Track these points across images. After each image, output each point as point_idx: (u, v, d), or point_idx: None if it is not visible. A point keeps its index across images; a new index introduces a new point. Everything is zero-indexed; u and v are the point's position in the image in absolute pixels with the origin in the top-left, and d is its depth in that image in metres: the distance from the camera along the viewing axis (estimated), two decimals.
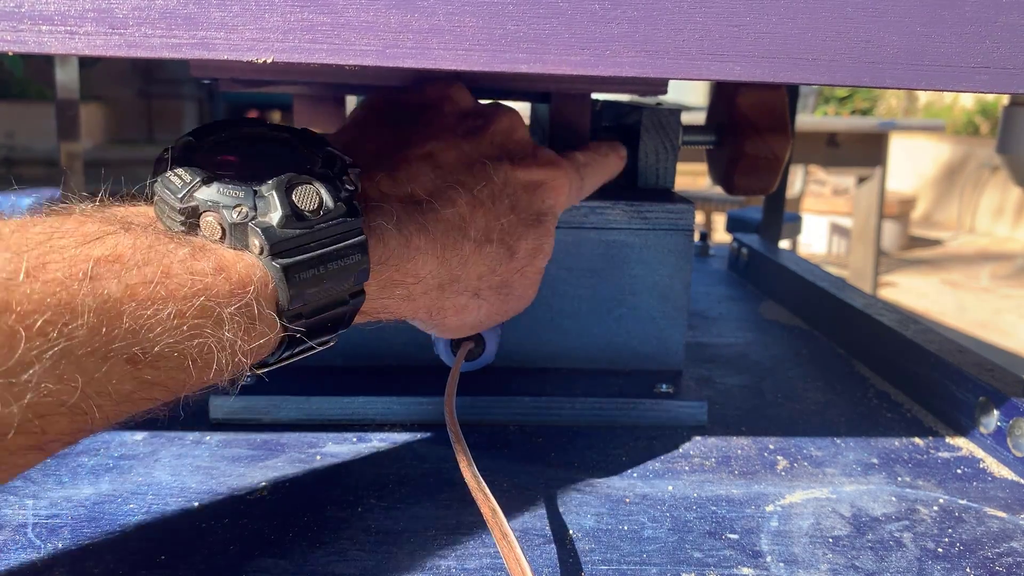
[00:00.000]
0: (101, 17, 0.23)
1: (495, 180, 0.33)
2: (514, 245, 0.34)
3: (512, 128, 0.36)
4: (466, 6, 0.24)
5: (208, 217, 0.25)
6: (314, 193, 0.26)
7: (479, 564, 0.28)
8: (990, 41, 0.27)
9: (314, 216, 0.26)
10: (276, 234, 0.25)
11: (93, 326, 0.20)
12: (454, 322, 0.34)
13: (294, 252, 0.25)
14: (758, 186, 0.49)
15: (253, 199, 0.25)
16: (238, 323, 0.24)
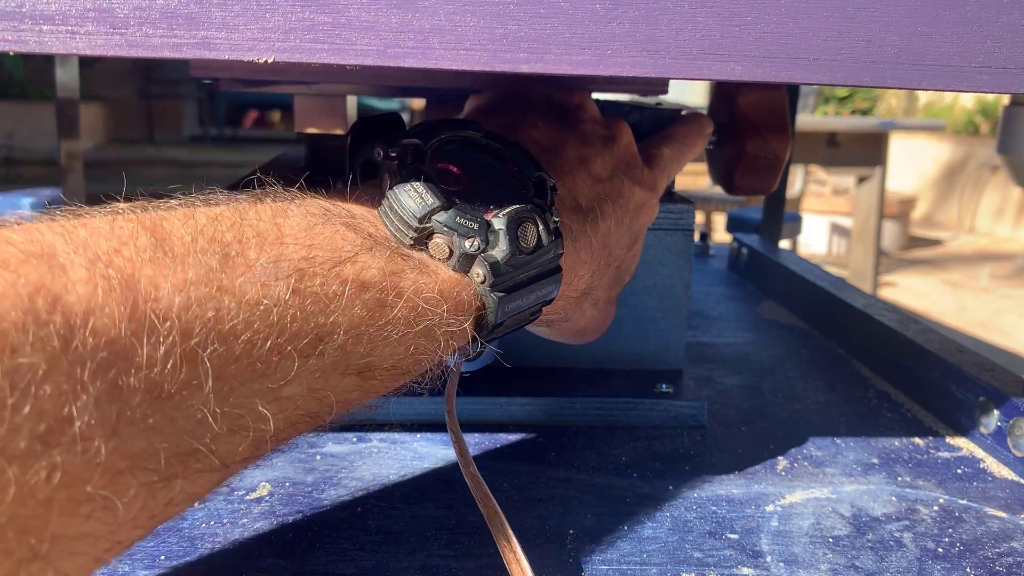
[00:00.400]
0: (102, 17, 0.23)
1: (626, 195, 0.34)
2: (622, 261, 0.35)
3: (631, 143, 0.36)
4: (467, 6, 0.24)
5: (439, 239, 0.26)
6: (535, 230, 0.28)
7: (479, 564, 0.28)
8: (991, 41, 0.27)
9: (531, 254, 0.27)
10: (500, 268, 0.26)
11: (341, 345, 0.22)
12: (567, 327, 0.35)
13: (510, 285, 0.27)
14: (758, 186, 0.49)
15: (486, 232, 0.26)
16: (448, 341, 0.26)
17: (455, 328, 0.25)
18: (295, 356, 0.21)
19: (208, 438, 0.19)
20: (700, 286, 0.69)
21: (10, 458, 0.14)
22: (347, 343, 0.22)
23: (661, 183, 0.37)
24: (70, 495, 0.16)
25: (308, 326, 0.21)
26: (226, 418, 0.19)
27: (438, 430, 0.39)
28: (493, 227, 0.26)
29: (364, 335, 0.23)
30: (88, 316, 0.16)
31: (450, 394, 0.34)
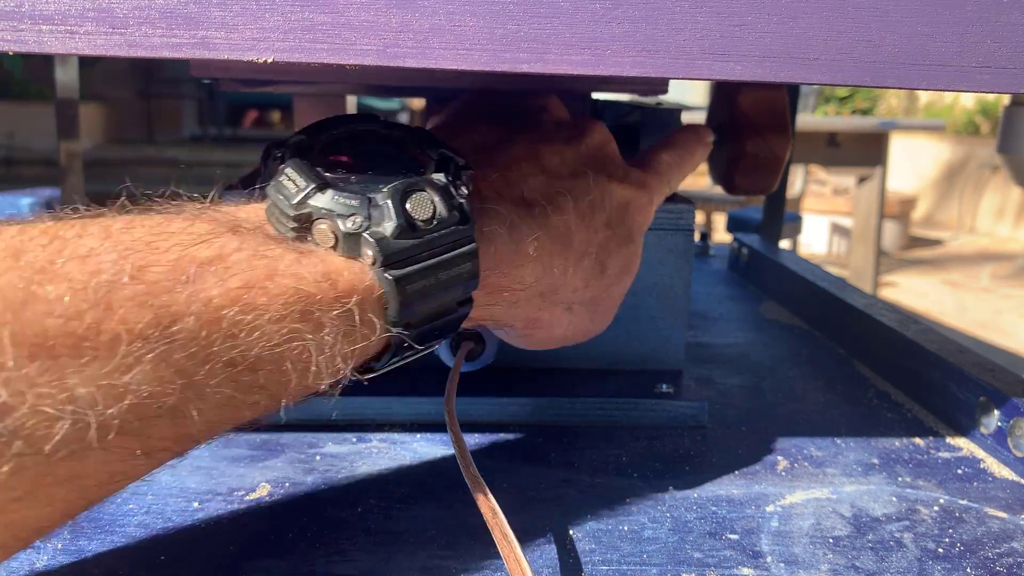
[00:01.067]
0: (101, 17, 0.23)
1: (594, 192, 0.33)
2: (606, 262, 0.34)
3: (605, 142, 0.35)
4: (467, 6, 0.24)
5: (321, 224, 0.24)
6: (428, 201, 0.25)
7: (479, 564, 0.28)
8: (991, 41, 0.27)
9: (427, 225, 0.25)
10: (390, 245, 0.24)
11: (193, 330, 0.20)
12: (542, 335, 0.34)
13: (406, 263, 0.25)
14: (758, 186, 0.49)
15: (368, 208, 0.24)
16: (340, 329, 0.23)
17: (344, 312, 0.23)
18: (125, 338, 0.19)
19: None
20: (700, 286, 0.69)
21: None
22: (201, 328, 0.20)
23: (655, 184, 0.37)
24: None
25: (146, 306, 0.20)
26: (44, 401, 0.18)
27: (438, 430, 0.39)
28: (376, 202, 0.25)
29: (224, 317, 0.21)
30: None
31: (450, 394, 0.34)
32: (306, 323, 0.23)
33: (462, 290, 0.27)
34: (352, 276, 0.24)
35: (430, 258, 0.25)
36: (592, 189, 0.33)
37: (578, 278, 0.33)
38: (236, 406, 0.22)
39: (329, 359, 0.23)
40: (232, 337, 0.21)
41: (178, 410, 0.21)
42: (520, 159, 0.31)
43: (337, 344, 0.23)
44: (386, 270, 0.24)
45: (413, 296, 0.25)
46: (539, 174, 0.31)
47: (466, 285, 0.27)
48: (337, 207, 0.24)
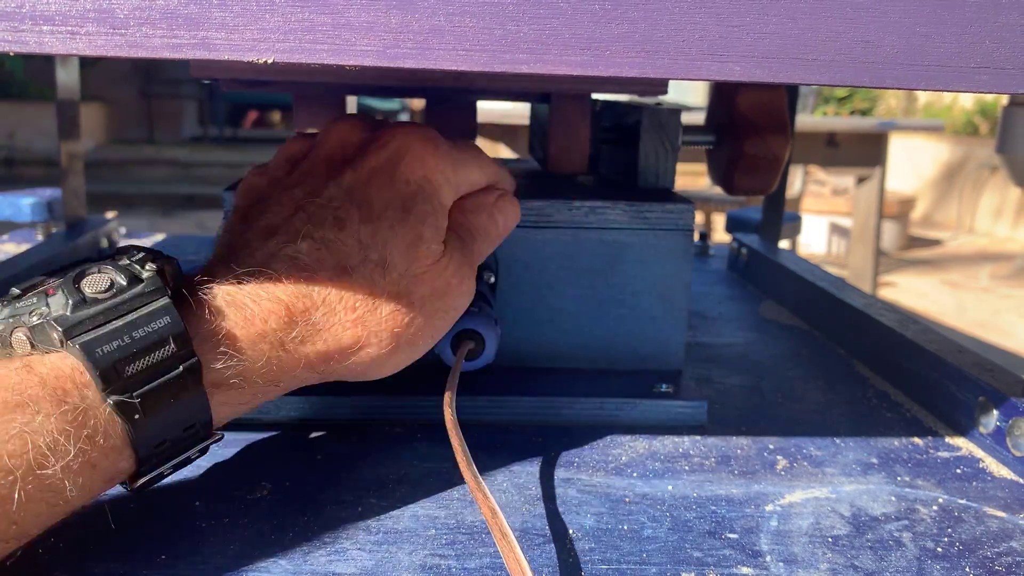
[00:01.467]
0: (102, 17, 0.23)
1: (335, 205, 0.32)
2: (381, 256, 0.31)
3: (342, 136, 0.34)
4: (466, 6, 0.24)
5: (17, 334, 0.26)
6: (105, 278, 0.27)
7: (479, 564, 0.28)
8: (990, 41, 0.27)
9: (105, 295, 0.27)
10: (68, 319, 0.26)
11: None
12: (363, 360, 0.32)
13: (92, 330, 0.26)
14: (758, 186, 0.49)
15: (45, 300, 0.26)
16: (56, 411, 0.24)
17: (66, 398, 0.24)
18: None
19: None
20: (700, 286, 0.70)
21: None
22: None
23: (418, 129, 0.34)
24: None
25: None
26: None
27: (438, 430, 0.39)
28: (53, 293, 0.26)
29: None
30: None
31: (450, 394, 0.35)
32: (18, 413, 0.24)
33: (172, 346, 0.27)
34: (49, 361, 0.25)
35: (117, 320, 0.26)
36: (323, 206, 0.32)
37: (350, 295, 0.31)
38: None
39: (51, 443, 0.24)
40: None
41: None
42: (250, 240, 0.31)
43: (57, 426, 0.24)
44: (72, 341, 0.25)
45: (108, 357, 0.26)
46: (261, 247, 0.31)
47: (175, 340, 0.27)
48: (18, 311, 0.26)
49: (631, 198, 0.43)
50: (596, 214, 0.42)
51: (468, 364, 0.40)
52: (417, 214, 0.32)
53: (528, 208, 0.42)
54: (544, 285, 0.43)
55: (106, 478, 0.26)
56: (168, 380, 0.27)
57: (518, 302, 0.43)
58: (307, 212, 0.31)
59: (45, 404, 0.24)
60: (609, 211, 0.42)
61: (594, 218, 0.42)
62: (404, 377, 0.41)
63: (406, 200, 0.32)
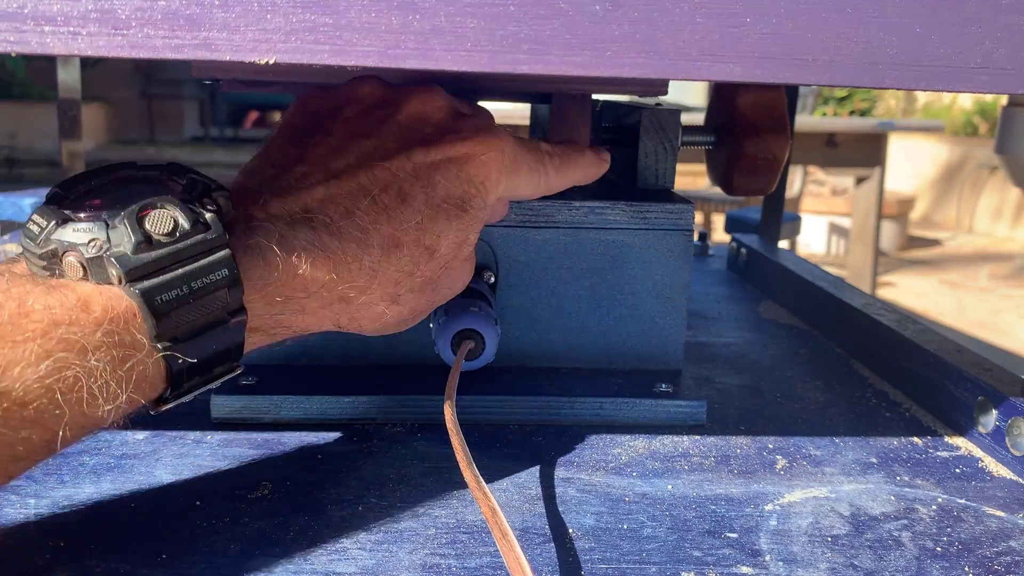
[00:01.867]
0: (104, 18, 0.23)
1: (400, 176, 0.31)
2: (433, 244, 0.32)
3: (424, 109, 0.34)
4: (467, 7, 0.24)
5: (69, 257, 0.25)
6: (168, 216, 0.26)
7: (479, 563, 0.28)
8: (989, 42, 0.27)
9: (169, 238, 0.26)
10: (130, 260, 0.25)
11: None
12: (372, 327, 0.33)
13: (153, 275, 0.25)
14: (757, 186, 0.49)
15: (106, 231, 0.25)
16: (108, 353, 0.24)
17: (107, 335, 0.24)
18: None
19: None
20: (699, 286, 0.70)
21: None
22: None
23: (506, 142, 0.34)
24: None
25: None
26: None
27: (438, 430, 0.39)
28: (114, 225, 0.26)
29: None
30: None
31: (450, 394, 0.35)
32: (68, 351, 0.23)
33: (225, 298, 0.27)
34: (104, 299, 0.25)
35: (178, 268, 0.26)
36: (395, 175, 0.31)
37: (395, 271, 0.31)
38: (8, 443, 0.23)
39: (102, 386, 0.24)
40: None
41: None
42: (305, 174, 0.31)
43: (107, 369, 0.24)
44: (132, 285, 0.25)
45: (166, 306, 0.25)
46: (322, 183, 0.30)
47: (228, 292, 0.27)
48: (77, 237, 0.25)
49: (631, 198, 0.43)
50: (596, 214, 0.42)
51: (468, 364, 0.40)
52: (471, 215, 0.33)
53: (528, 208, 0.42)
54: (544, 285, 0.43)
55: (136, 406, 0.26)
56: (216, 331, 0.27)
57: (518, 302, 0.43)
58: (373, 171, 0.31)
59: (99, 347, 0.24)
60: (609, 211, 0.42)
61: (594, 218, 0.42)
62: (404, 377, 0.41)
63: (465, 199, 0.33)
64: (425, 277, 0.33)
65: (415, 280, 0.32)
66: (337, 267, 0.30)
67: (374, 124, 0.33)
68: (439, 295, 0.35)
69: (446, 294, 0.36)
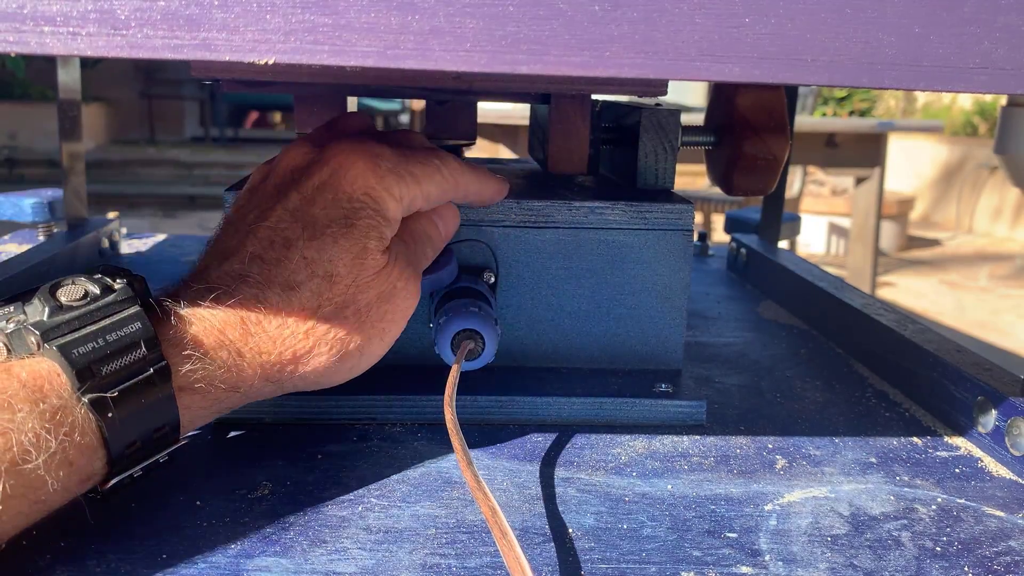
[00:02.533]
0: (103, 18, 0.23)
1: (282, 227, 0.33)
2: (329, 270, 0.33)
3: (292, 155, 0.35)
4: (467, 8, 0.24)
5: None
6: (80, 288, 0.29)
7: (479, 563, 0.29)
8: (989, 42, 0.27)
9: (80, 303, 0.28)
10: (45, 324, 0.27)
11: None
12: (310, 374, 0.33)
13: (68, 334, 0.27)
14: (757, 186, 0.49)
15: (22, 308, 0.28)
16: (34, 407, 0.25)
17: (44, 397, 0.26)
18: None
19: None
20: (699, 286, 0.70)
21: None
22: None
23: (358, 143, 0.34)
24: None
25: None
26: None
27: (438, 430, 0.39)
28: (29, 301, 0.28)
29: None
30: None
31: (450, 393, 0.35)
32: (0, 411, 0.25)
33: (143, 350, 0.28)
34: (26, 364, 0.27)
35: (92, 325, 0.28)
36: (277, 228, 0.33)
37: (298, 309, 0.32)
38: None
39: (32, 439, 0.25)
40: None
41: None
42: (207, 265, 0.33)
43: (36, 422, 0.25)
44: (50, 344, 0.27)
45: (84, 359, 0.27)
46: (215, 264, 0.33)
47: (145, 345, 0.28)
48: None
49: (631, 198, 0.43)
50: (596, 214, 0.42)
51: (468, 364, 0.40)
52: (361, 227, 0.33)
53: (528, 208, 0.42)
54: (544, 285, 0.43)
55: (82, 477, 0.27)
56: (140, 381, 0.28)
57: (518, 302, 0.43)
58: (257, 236, 0.33)
59: (25, 403, 0.25)
60: (609, 211, 0.42)
61: (594, 218, 0.42)
62: (404, 377, 0.41)
63: (349, 215, 0.33)
64: (335, 304, 0.33)
65: (324, 311, 0.33)
66: (242, 320, 0.31)
67: (257, 199, 0.35)
68: (373, 317, 0.34)
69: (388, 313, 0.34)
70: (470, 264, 0.42)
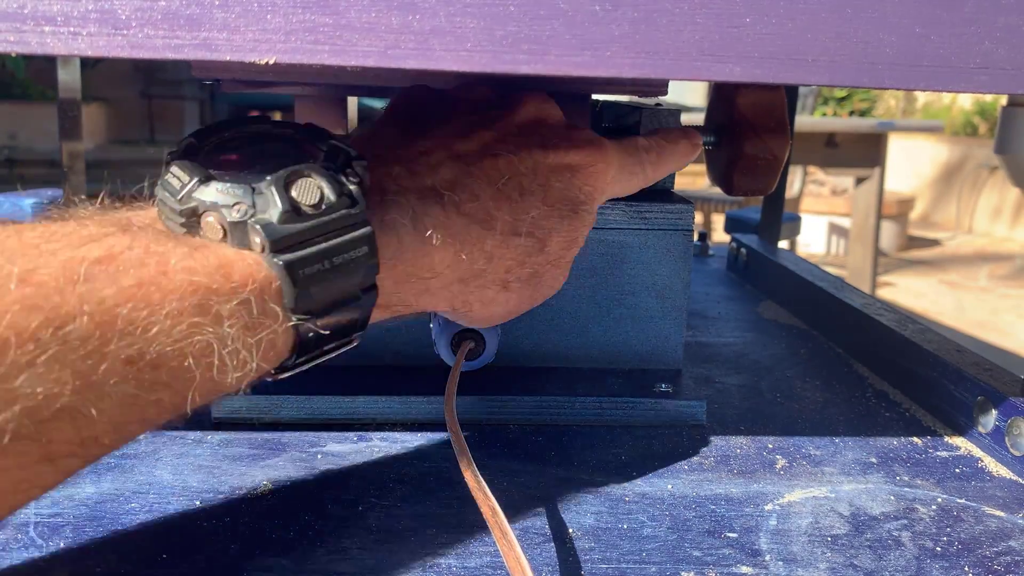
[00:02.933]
0: (104, 18, 0.23)
1: (521, 170, 0.32)
2: (545, 238, 0.33)
3: (540, 113, 0.35)
4: (467, 7, 0.24)
5: (209, 217, 0.24)
6: (315, 186, 0.25)
7: (479, 563, 0.29)
8: (989, 42, 0.27)
9: (315, 210, 0.25)
10: (276, 230, 0.24)
11: (87, 329, 0.20)
12: (481, 313, 0.34)
13: (296, 248, 0.24)
14: (757, 186, 0.49)
15: (252, 196, 0.24)
16: (241, 321, 0.23)
17: (243, 303, 0.23)
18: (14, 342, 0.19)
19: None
20: (699, 286, 0.70)
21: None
22: (95, 328, 0.20)
23: (613, 152, 0.35)
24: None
25: (36, 308, 0.20)
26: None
27: (438, 430, 0.39)
28: (260, 190, 0.25)
29: (119, 315, 0.21)
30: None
31: (450, 394, 0.35)
32: (204, 316, 0.22)
33: (362, 275, 0.26)
34: (244, 265, 0.24)
35: (322, 242, 0.25)
36: (517, 168, 0.32)
37: (510, 258, 0.32)
38: (139, 405, 0.22)
39: (233, 352, 0.23)
40: (129, 335, 0.21)
41: (77, 411, 0.20)
42: (430, 151, 0.31)
43: (240, 337, 0.23)
44: (276, 255, 0.24)
45: (307, 280, 0.25)
46: (450, 163, 0.31)
47: (366, 269, 0.26)
48: (221, 198, 0.24)
49: (631, 198, 0.43)
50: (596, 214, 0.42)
51: (468, 364, 0.40)
52: (581, 218, 0.34)
53: None
54: None
55: (258, 375, 0.25)
56: (349, 308, 0.26)
57: None
58: (497, 160, 0.32)
59: (234, 315, 0.23)
60: (609, 211, 0.42)
61: None
62: (404, 377, 0.41)
63: (576, 202, 0.34)
64: (534, 269, 0.34)
65: (524, 270, 0.33)
66: (462, 249, 0.30)
67: (492, 119, 0.34)
68: (540, 292, 0.35)
69: (546, 292, 0.36)
70: None
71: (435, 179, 0.30)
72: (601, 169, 0.35)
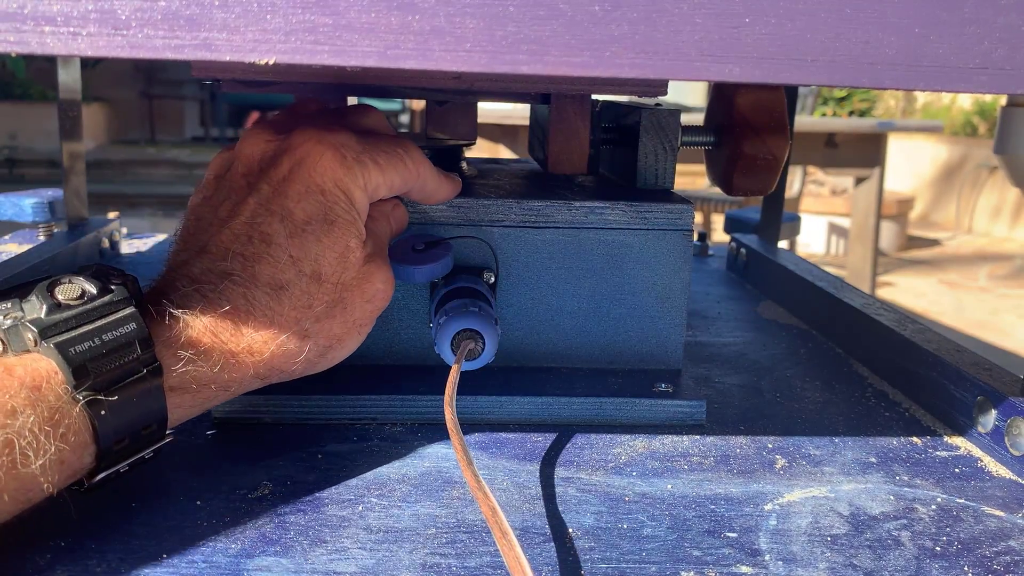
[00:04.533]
0: (104, 18, 0.23)
1: (258, 221, 0.32)
2: (315, 270, 0.33)
3: (256, 143, 0.34)
4: (467, 8, 0.24)
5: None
6: (76, 287, 0.29)
7: (479, 563, 0.29)
8: (988, 42, 0.27)
9: (77, 302, 0.28)
10: (43, 321, 0.27)
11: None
12: (295, 368, 0.33)
13: (64, 332, 0.28)
14: (757, 186, 0.49)
15: (20, 304, 0.28)
16: (34, 410, 0.26)
17: (33, 394, 0.26)
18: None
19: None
20: (699, 286, 0.70)
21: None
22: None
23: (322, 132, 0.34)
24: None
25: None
26: None
27: (438, 429, 0.39)
28: (28, 298, 0.28)
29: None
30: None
31: (450, 393, 0.35)
32: (1, 415, 0.25)
33: (137, 351, 0.29)
34: (25, 363, 0.27)
35: (88, 325, 0.28)
36: (253, 222, 0.33)
37: (289, 309, 0.32)
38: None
39: (31, 442, 0.25)
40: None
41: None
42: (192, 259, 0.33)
43: (35, 426, 0.26)
44: (47, 341, 0.27)
45: (80, 356, 0.27)
46: (194, 259, 0.33)
47: (140, 345, 0.29)
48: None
49: (631, 198, 0.43)
50: (596, 214, 0.42)
51: (468, 364, 0.40)
52: (341, 225, 0.33)
53: (528, 208, 0.42)
54: (544, 285, 0.43)
55: (71, 473, 0.28)
56: (133, 380, 0.28)
57: (518, 302, 0.43)
58: (233, 231, 0.33)
59: (26, 406, 0.26)
60: (609, 211, 0.42)
61: (594, 218, 0.42)
62: (404, 377, 0.41)
63: (327, 211, 0.33)
64: (325, 303, 0.33)
65: (317, 309, 0.33)
66: (233, 322, 0.31)
67: (226, 190, 0.35)
68: (355, 312, 0.34)
69: (367, 308, 0.35)
70: (470, 264, 0.42)
71: (188, 275, 0.32)
72: (327, 155, 0.33)
